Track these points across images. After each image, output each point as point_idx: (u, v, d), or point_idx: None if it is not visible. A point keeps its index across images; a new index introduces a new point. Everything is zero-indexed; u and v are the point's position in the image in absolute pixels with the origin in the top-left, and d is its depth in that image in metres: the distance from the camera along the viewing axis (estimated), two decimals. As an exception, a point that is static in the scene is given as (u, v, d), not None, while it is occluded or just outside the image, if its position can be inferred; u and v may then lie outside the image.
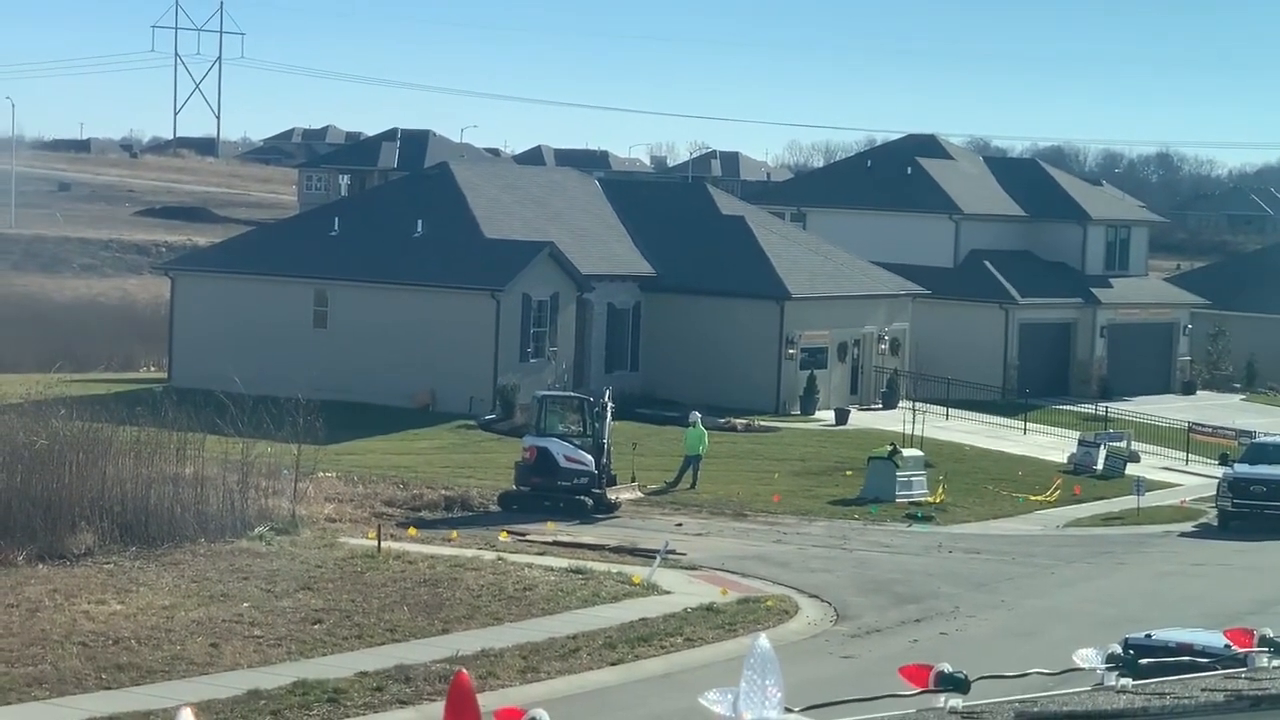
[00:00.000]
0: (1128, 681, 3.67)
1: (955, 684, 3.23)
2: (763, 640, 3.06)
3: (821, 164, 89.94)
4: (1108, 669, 4.02)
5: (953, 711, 3.08)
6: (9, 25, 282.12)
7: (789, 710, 2.73)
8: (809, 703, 2.75)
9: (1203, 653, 13.27)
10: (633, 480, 42.15)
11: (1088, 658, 4.16)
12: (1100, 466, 50.13)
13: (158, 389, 46.90)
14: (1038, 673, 3.67)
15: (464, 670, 4.15)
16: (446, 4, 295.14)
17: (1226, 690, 3.05)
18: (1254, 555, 39.91)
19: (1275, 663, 4.33)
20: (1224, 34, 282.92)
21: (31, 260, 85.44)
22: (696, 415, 44.96)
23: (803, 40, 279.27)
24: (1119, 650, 4.31)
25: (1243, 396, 69.07)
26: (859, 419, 55.15)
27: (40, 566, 30.46)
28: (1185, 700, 2.91)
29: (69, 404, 39.23)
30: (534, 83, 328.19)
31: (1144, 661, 4.45)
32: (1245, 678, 3.48)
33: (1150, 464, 51.78)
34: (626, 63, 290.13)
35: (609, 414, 41.50)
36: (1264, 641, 4.96)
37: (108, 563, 31.29)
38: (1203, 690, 3.10)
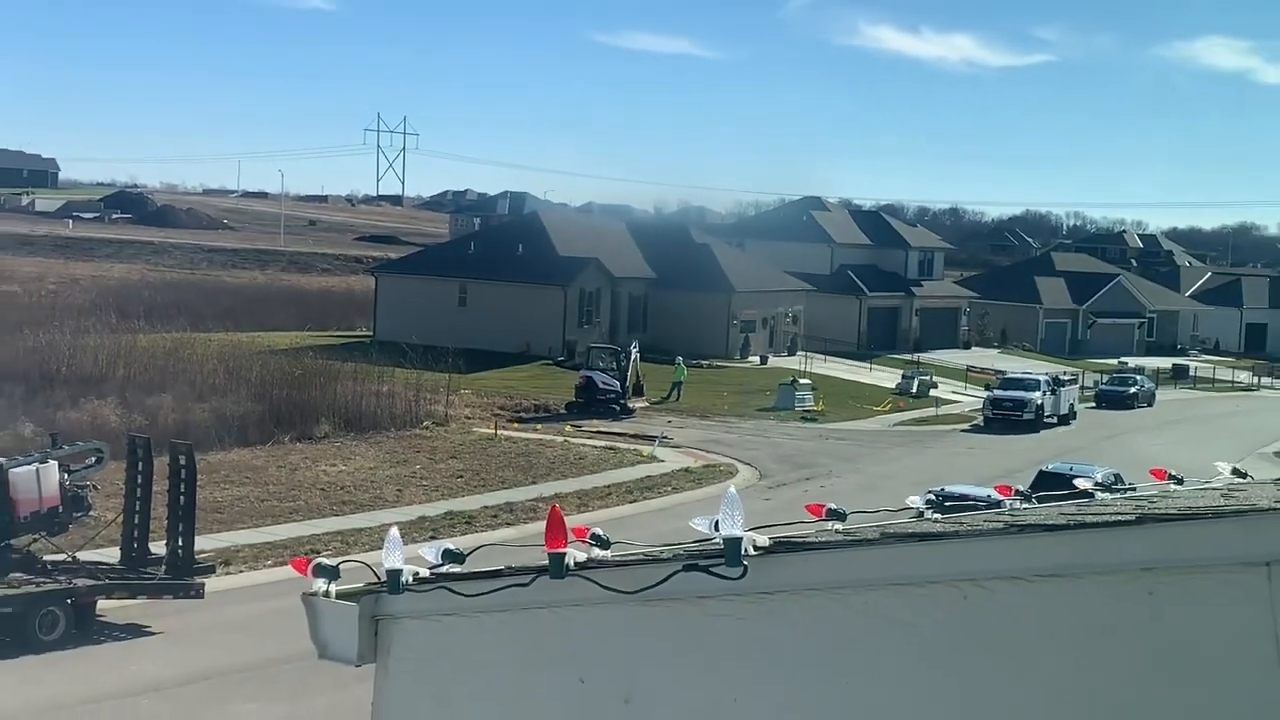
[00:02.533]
0: (938, 515, 4.70)
1: (838, 515, 4.27)
2: (732, 488, 4.30)
3: (754, 213, 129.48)
4: (926, 507, 5.03)
5: (837, 531, 4.05)
6: (284, 126, 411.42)
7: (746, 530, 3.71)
8: (751, 526, 3.68)
9: (978, 499, 17.62)
10: (642, 395, 60.18)
11: (914, 501, 5.21)
12: (914, 390, 69.85)
13: (367, 341, 69.40)
14: (885, 510, 4.76)
15: (557, 505, 5.84)
16: (536, 116, 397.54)
17: (998, 520, 3.99)
18: (1004, 443, 55.58)
19: (1023, 504, 5.50)
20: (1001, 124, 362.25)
21: (293, 265, 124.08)
22: (680, 358, 64.83)
23: (740, 130, 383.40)
24: (931, 497, 5.42)
25: (999, 350, 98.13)
26: (774, 362, 78.89)
27: (298, 444, 44.94)
28: (974, 525, 3.74)
29: (315, 349, 62.00)
30: (587, 165, 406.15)
31: (946, 503, 5.65)
32: (1007, 514, 4.68)
33: (944, 390, 70.88)
34: (631, 152, 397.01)
35: (635, 357, 59.91)
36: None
37: (336, 442, 45.88)
38: (984, 520, 4.10)
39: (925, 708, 3.39)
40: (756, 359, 78.85)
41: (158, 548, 27.30)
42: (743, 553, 3.59)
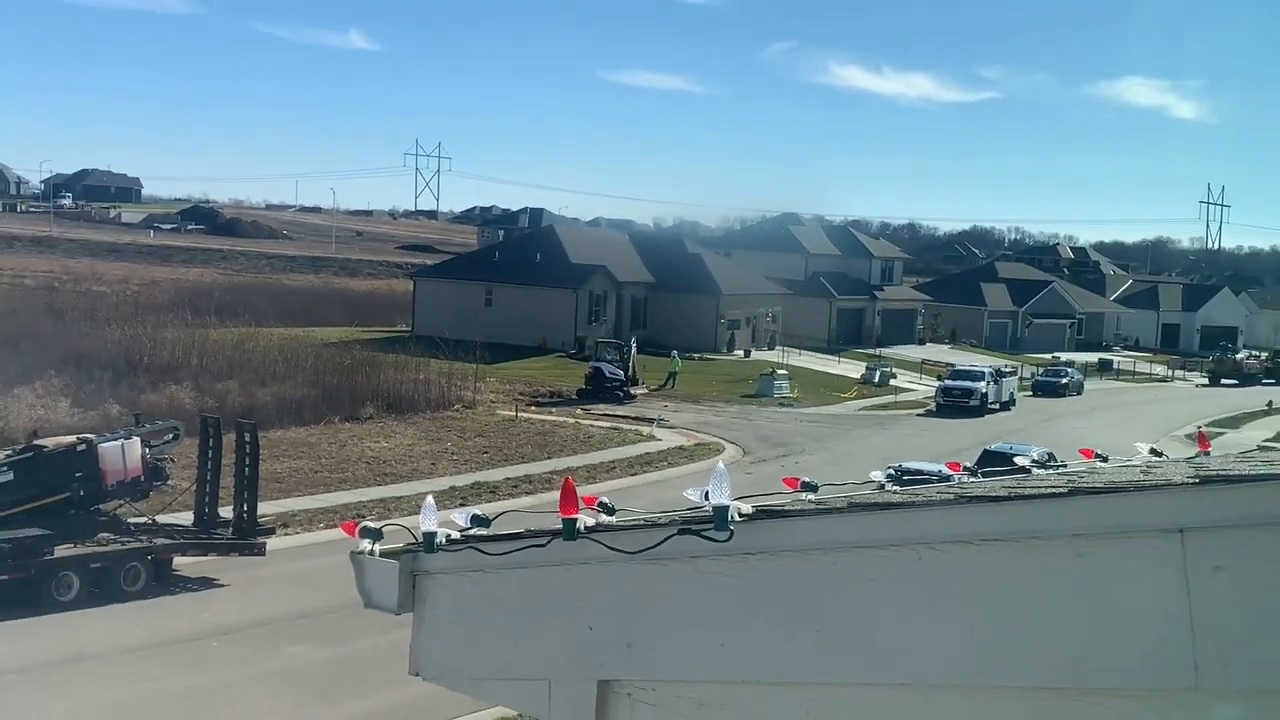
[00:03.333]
0: (897, 488, 4.64)
1: (811, 487, 4.22)
2: (720, 464, 4.46)
3: (739, 227, 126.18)
4: (887, 480, 4.99)
5: (810, 501, 4.03)
6: (335, 151, 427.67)
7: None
8: (737, 496, 3.69)
9: (931, 474, 16.89)
10: (638, 384, 59.71)
11: (876, 475, 5.22)
12: (876, 380, 69.99)
13: (406, 336, 69.68)
14: (851, 483, 4.74)
15: (570, 477, 5.70)
16: (552, 142, 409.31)
17: (948, 492, 3.93)
18: (953, 426, 55.08)
19: (970, 478, 5.38)
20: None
21: (343, 269, 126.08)
22: (675, 352, 65.87)
23: (728, 155, 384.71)
24: (891, 471, 5.49)
25: (950, 346, 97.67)
26: (756, 355, 78.32)
27: (346, 424, 45.34)
28: (928, 497, 3.71)
29: (361, 343, 62.45)
30: (595, 184, 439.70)
31: (904, 477, 5.63)
32: (956, 487, 4.53)
33: (902, 380, 71.89)
34: (634, 174, 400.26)
35: (635, 350, 60.18)
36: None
37: (380, 422, 46.29)
38: (936, 493, 4.03)
39: (886, 652, 3.40)
40: (741, 353, 78.86)
41: (226, 512, 27.39)
42: (730, 519, 3.60)
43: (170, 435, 28.13)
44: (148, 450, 26.72)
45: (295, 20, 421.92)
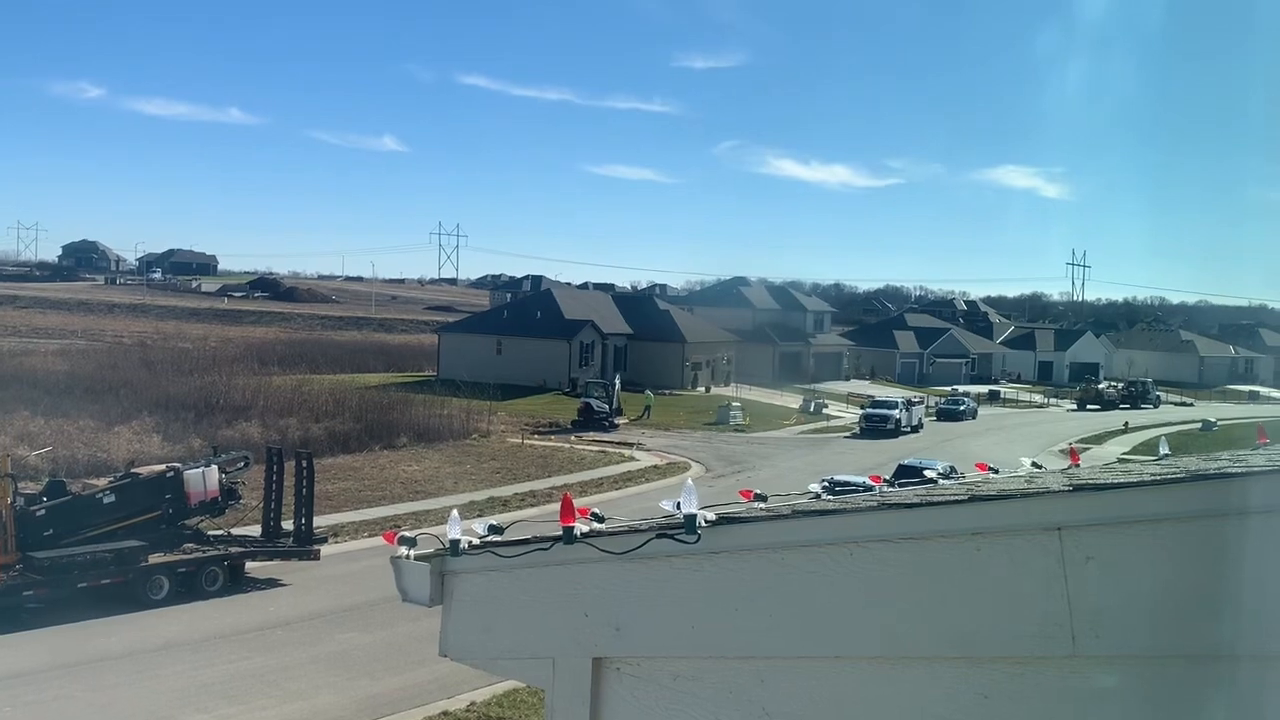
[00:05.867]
0: (830, 497, 4.55)
1: (762, 497, 4.21)
2: (689, 480, 4.51)
3: (700, 288, 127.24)
4: (822, 491, 4.87)
5: (762, 508, 4.00)
6: (374, 230, 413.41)
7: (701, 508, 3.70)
8: (703, 505, 3.69)
9: (858, 485, 17.07)
10: (621, 414, 59.66)
11: (813, 487, 5.19)
12: (811, 410, 70.08)
13: (433, 379, 69.91)
14: (794, 493, 4.65)
15: (568, 493, 5.62)
16: (549, 221, 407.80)
17: (872, 500, 3.94)
18: (874, 446, 55.00)
19: (889, 488, 5.26)
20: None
21: (380, 327, 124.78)
22: (648, 390, 66.80)
23: (690, 230, 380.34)
24: (825, 483, 5.45)
25: (870, 381, 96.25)
26: (715, 391, 78.12)
27: (385, 451, 44.97)
28: (856, 504, 3.72)
29: (396, 385, 63.49)
30: (584, 255, 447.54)
31: (836, 488, 5.43)
32: (878, 495, 4.50)
33: (833, 409, 71.00)
34: (613, 246, 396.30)
35: (618, 388, 60.26)
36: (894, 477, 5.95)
37: (412, 450, 45.70)
38: (862, 500, 4.05)
39: (824, 630, 3.40)
40: (703, 389, 79.00)
41: (287, 525, 27.18)
42: (698, 525, 3.60)
43: (241, 463, 27.98)
44: (223, 475, 26.57)
45: (340, 128, 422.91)
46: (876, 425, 60.50)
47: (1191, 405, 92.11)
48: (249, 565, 26.30)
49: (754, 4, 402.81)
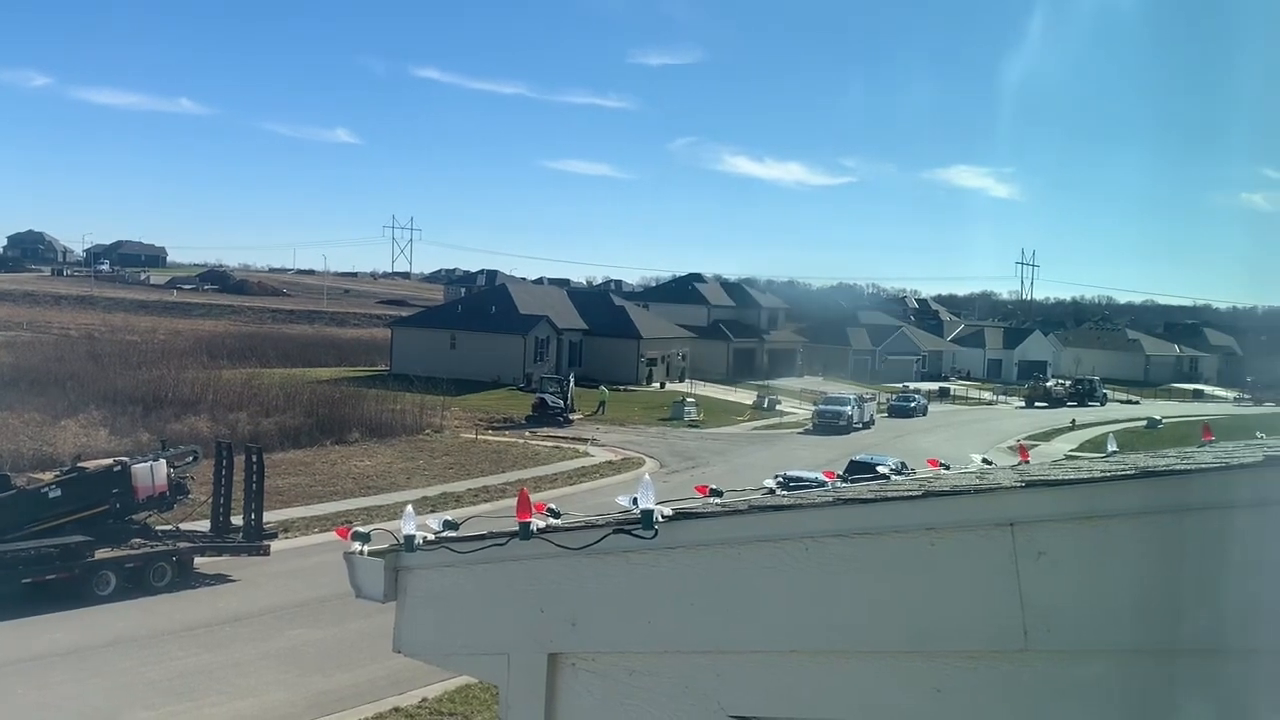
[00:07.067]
0: (784, 493, 4.57)
1: (718, 493, 4.12)
2: (646, 475, 4.58)
3: (655, 284, 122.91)
4: (776, 486, 4.95)
5: (718, 504, 3.92)
6: (326, 223, 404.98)
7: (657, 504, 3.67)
8: (659, 501, 3.66)
9: (811, 481, 17.06)
10: (578, 410, 59.63)
11: (768, 482, 5.33)
12: (765, 406, 69.98)
13: (386, 374, 68.73)
14: (749, 488, 4.62)
15: (524, 488, 5.54)
16: (504, 216, 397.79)
17: (826, 496, 3.93)
18: (827, 442, 55.21)
19: (842, 484, 5.20)
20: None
21: (333, 320, 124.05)
22: (603, 385, 66.02)
23: (646, 225, 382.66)
24: (779, 479, 5.51)
25: (823, 378, 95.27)
26: (670, 387, 77.72)
27: (336, 446, 44.51)
28: (810, 499, 3.72)
29: (348, 380, 62.42)
30: (540, 250, 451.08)
31: (790, 484, 5.45)
32: (831, 491, 4.40)
33: (786, 405, 70.96)
34: (569, 241, 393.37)
35: (571, 383, 60.26)
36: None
37: (364, 445, 45.50)
38: (816, 496, 4.03)
39: (779, 625, 3.41)
40: (657, 385, 78.76)
41: (237, 520, 26.92)
42: (654, 520, 3.60)
43: (190, 457, 27.67)
44: (172, 470, 26.27)
45: (293, 119, 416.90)
46: (829, 422, 60.69)
47: (1138, 403, 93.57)
48: (198, 561, 26.02)
49: (710, 1, 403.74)
